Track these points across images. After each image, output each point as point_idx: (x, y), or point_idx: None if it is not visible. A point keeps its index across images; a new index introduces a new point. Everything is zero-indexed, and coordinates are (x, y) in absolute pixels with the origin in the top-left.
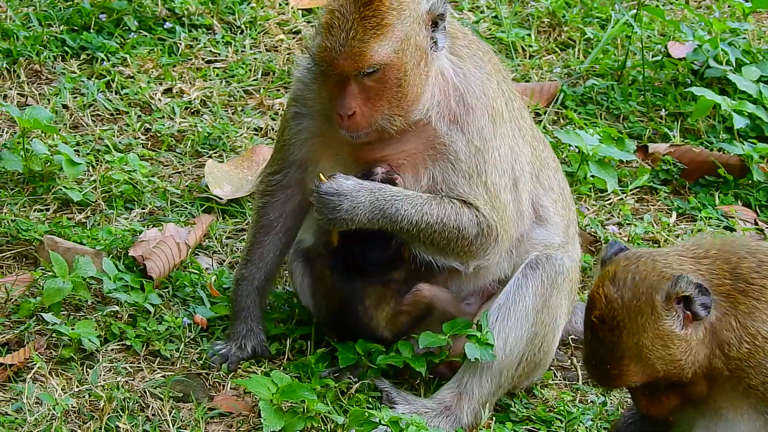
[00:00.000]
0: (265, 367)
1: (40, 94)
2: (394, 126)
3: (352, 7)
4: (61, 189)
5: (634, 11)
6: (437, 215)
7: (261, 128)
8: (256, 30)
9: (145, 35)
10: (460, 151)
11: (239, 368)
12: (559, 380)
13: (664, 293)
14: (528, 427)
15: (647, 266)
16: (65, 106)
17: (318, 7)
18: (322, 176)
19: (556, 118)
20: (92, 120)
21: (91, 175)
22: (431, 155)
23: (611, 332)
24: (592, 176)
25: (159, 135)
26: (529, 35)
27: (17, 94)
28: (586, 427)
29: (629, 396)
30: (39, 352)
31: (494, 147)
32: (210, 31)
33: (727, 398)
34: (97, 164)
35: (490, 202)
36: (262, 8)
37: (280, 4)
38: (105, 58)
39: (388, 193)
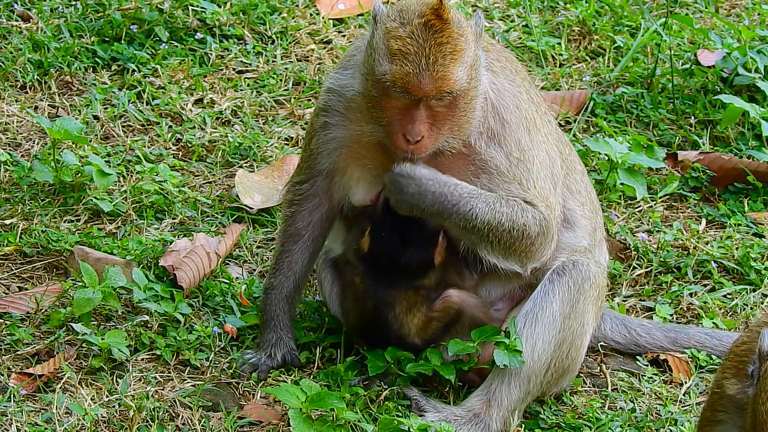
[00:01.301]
0: (294, 376)
1: (70, 105)
2: (452, 148)
3: (426, 35)
4: (91, 199)
5: (664, 20)
6: (507, 213)
7: (291, 138)
8: (287, 40)
9: (176, 46)
10: (501, 165)
11: (269, 377)
12: (589, 387)
13: None
14: (557, 431)
15: None
16: (96, 117)
17: (352, 17)
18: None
19: (585, 126)
20: (123, 131)
21: (122, 186)
22: (473, 171)
23: None
24: (622, 184)
25: (190, 145)
26: (559, 44)
27: (48, 105)
28: None
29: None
30: (69, 363)
31: (534, 155)
32: (241, 42)
33: None
34: (128, 175)
35: (544, 202)
36: (293, 18)
37: (311, 14)
38: (136, 68)
39: (464, 190)
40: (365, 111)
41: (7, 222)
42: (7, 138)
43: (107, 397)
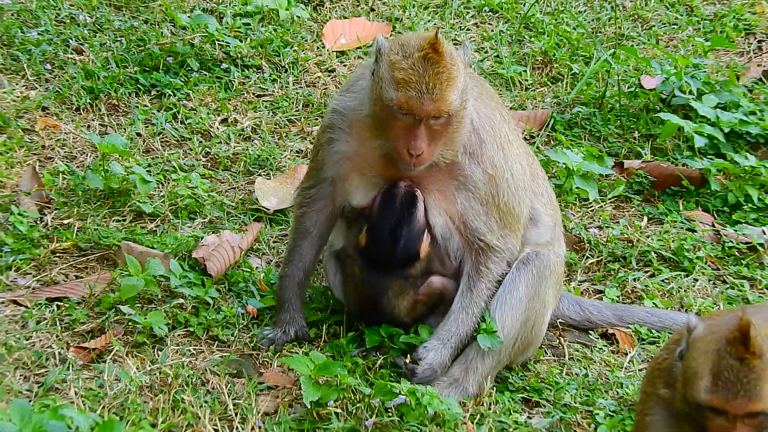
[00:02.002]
0: (305, 348)
1: (117, 124)
2: (445, 160)
3: (425, 66)
4: (135, 203)
5: (612, 50)
6: (486, 299)
7: (301, 151)
8: (297, 69)
9: (205, 74)
10: (479, 181)
11: (284, 349)
12: (549, 356)
13: None
14: (523, 395)
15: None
16: (138, 134)
17: (352, 49)
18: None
19: (547, 139)
20: (161, 145)
21: (160, 191)
22: (456, 185)
23: (760, 359)
24: (577, 188)
25: (217, 157)
26: (525, 71)
27: (98, 124)
28: (571, 395)
29: (608, 369)
30: (117, 338)
31: (507, 169)
32: (259, 71)
33: None
34: (165, 182)
35: (503, 224)
36: (302, 51)
37: (317, 47)
38: (171, 93)
39: (458, 334)
40: (373, 129)
41: (65, 222)
42: (64, 152)
43: (149, 366)
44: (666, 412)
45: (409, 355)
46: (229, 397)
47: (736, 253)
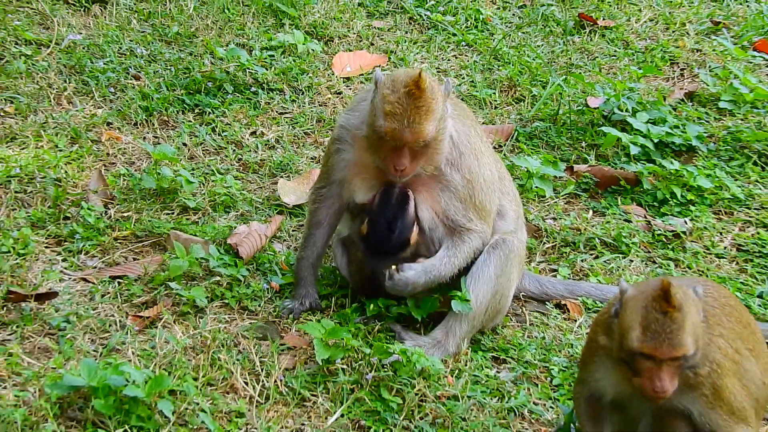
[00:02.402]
0: (317, 317)
1: (167, 136)
2: (426, 172)
3: (408, 100)
4: (181, 199)
5: (564, 77)
6: (464, 257)
7: (315, 157)
8: (312, 92)
9: (238, 96)
10: (459, 184)
11: (300, 317)
12: (513, 323)
13: (699, 290)
14: (492, 354)
15: (681, 280)
16: (184, 144)
17: (356, 76)
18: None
19: (511, 148)
20: (202, 153)
21: (202, 190)
22: (441, 187)
23: (680, 312)
24: (536, 187)
25: (247, 163)
26: (494, 93)
27: (152, 136)
28: (531, 354)
29: (561, 332)
30: (166, 308)
31: (480, 175)
32: (281, 93)
33: (684, 393)
34: (206, 182)
35: (479, 217)
36: (316, 77)
37: (328, 74)
38: (211, 111)
39: (437, 269)
40: (368, 146)
41: (125, 214)
42: (124, 158)
43: (192, 331)
44: (605, 357)
45: (395, 267)
46: (256, 356)
47: (664, 239)
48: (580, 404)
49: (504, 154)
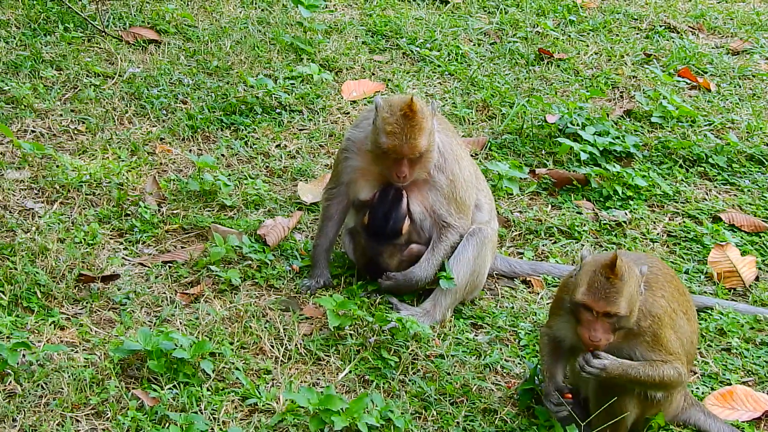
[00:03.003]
0: (330, 292)
1: (208, 148)
2: (422, 176)
3: (404, 121)
4: (220, 199)
5: (527, 98)
6: (443, 257)
7: (328, 164)
8: (325, 112)
9: (266, 116)
10: (444, 185)
11: (316, 293)
12: (488, 296)
13: (640, 270)
14: (471, 321)
15: (623, 252)
16: (222, 155)
17: (361, 99)
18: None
19: (485, 156)
20: (237, 162)
21: (237, 191)
22: (429, 187)
23: (622, 280)
24: (505, 186)
25: (273, 169)
26: (471, 112)
27: (196, 149)
28: (503, 320)
29: (527, 303)
30: (208, 287)
31: (461, 176)
32: (300, 113)
33: (627, 341)
34: (240, 185)
35: (458, 211)
36: (328, 101)
37: (338, 98)
38: (244, 128)
39: (417, 274)
40: (372, 159)
41: (175, 212)
42: (174, 166)
43: (228, 305)
44: (565, 311)
45: (385, 274)
46: (280, 324)
47: (608, 227)
48: (545, 343)
49: (479, 161)
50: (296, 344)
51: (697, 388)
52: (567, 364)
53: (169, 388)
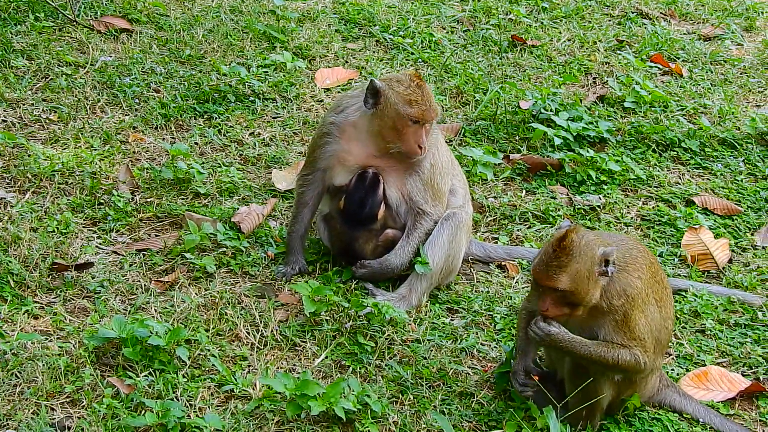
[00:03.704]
0: (305, 278)
1: (182, 137)
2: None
3: (420, 89)
4: (194, 187)
5: (501, 85)
6: (417, 245)
7: (302, 152)
8: (298, 100)
9: (239, 104)
10: (425, 169)
11: (291, 279)
12: (463, 280)
13: (602, 251)
14: (447, 305)
15: (592, 234)
16: (196, 143)
17: (334, 87)
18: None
19: (460, 142)
20: (210, 150)
21: (211, 179)
22: (410, 173)
23: (568, 256)
24: (480, 172)
25: (247, 157)
26: (445, 99)
27: (170, 137)
28: (478, 305)
29: (502, 288)
30: (182, 274)
31: (440, 161)
32: (274, 101)
33: (595, 319)
34: (214, 173)
35: (434, 198)
36: (301, 89)
37: (311, 86)
38: (217, 116)
39: (392, 262)
40: (386, 138)
41: (148, 200)
42: (147, 155)
43: (204, 292)
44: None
45: (359, 262)
46: (256, 311)
47: (582, 212)
48: (522, 318)
49: (454, 147)
50: (272, 330)
51: (672, 369)
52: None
53: (145, 376)
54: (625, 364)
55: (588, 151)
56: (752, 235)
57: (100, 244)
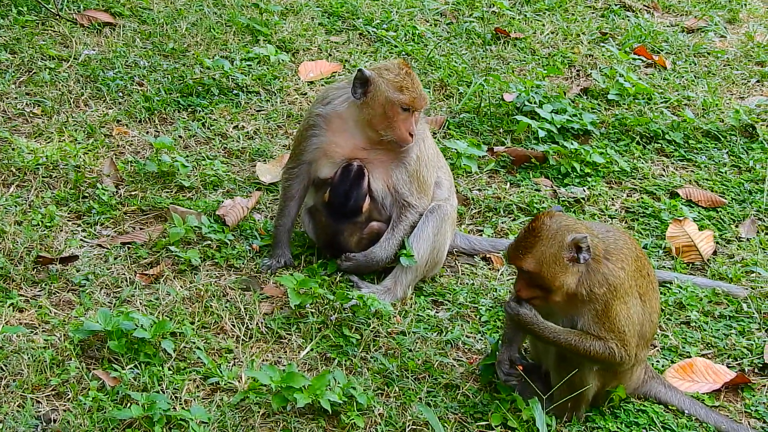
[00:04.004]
0: (290, 271)
1: (166, 130)
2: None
3: (409, 76)
4: (178, 180)
5: (485, 77)
6: (402, 237)
7: (286, 145)
8: (282, 93)
9: (223, 97)
10: (411, 161)
11: (277, 272)
12: (449, 273)
13: (572, 237)
14: (432, 298)
15: (570, 220)
16: (180, 136)
17: (318, 80)
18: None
19: (444, 135)
20: (194, 143)
21: (195, 172)
22: (396, 164)
23: (536, 238)
24: (464, 164)
25: (231, 150)
26: (429, 91)
27: (154, 130)
28: (464, 297)
29: (487, 280)
30: (167, 267)
31: (426, 154)
32: (258, 94)
33: (576, 307)
34: (198, 166)
35: (419, 190)
36: (285, 82)
37: (295, 80)
38: (201, 110)
39: (377, 254)
40: (377, 126)
41: (133, 193)
42: (131, 148)
43: (189, 284)
44: None
45: (345, 255)
46: (241, 303)
47: (567, 204)
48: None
49: (438, 139)
50: (257, 323)
51: (658, 361)
52: (527, 336)
53: (131, 368)
54: (599, 356)
55: (572, 144)
56: (736, 227)
57: (84, 237)
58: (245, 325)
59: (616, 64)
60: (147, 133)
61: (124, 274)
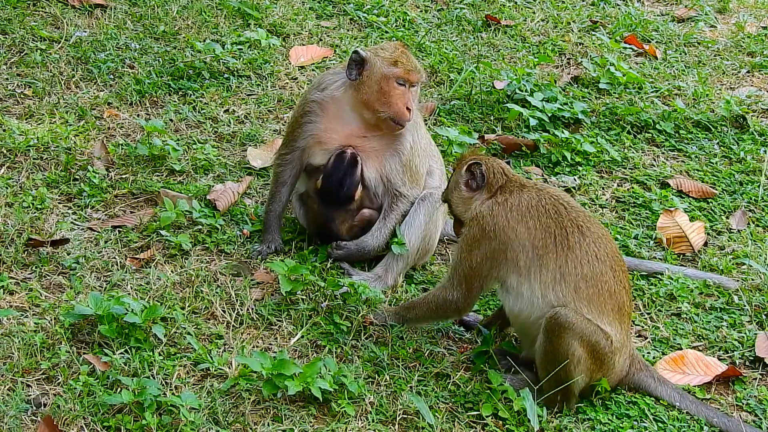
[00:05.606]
0: (281, 257)
1: (157, 113)
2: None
3: (404, 51)
4: (169, 164)
5: (475, 65)
6: (392, 226)
7: (277, 130)
8: (273, 78)
9: (214, 81)
10: (405, 150)
11: (267, 258)
12: (439, 260)
13: (467, 164)
14: (423, 286)
15: (477, 154)
16: (171, 120)
17: (309, 65)
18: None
19: (434, 122)
20: (185, 127)
21: (186, 156)
22: (390, 153)
23: (454, 170)
24: (455, 152)
25: (222, 134)
26: None
27: (144, 113)
28: None
29: None
30: (158, 251)
31: (419, 144)
32: (249, 79)
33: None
34: (189, 150)
35: (411, 180)
36: (276, 66)
37: (285, 64)
38: (192, 93)
39: (369, 243)
40: (373, 105)
41: (124, 176)
42: (122, 131)
43: (180, 269)
44: None
45: (336, 244)
46: (232, 289)
47: None
48: None
49: (429, 126)
50: (248, 309)
51: (648, 353)
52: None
53: (121, 353)
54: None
55: (563, 132)
56: (727, 218)
57: (75, 220)
58: (236, 311)
59: (606, 53)
60: (138, 116)
61: (114, 257)
